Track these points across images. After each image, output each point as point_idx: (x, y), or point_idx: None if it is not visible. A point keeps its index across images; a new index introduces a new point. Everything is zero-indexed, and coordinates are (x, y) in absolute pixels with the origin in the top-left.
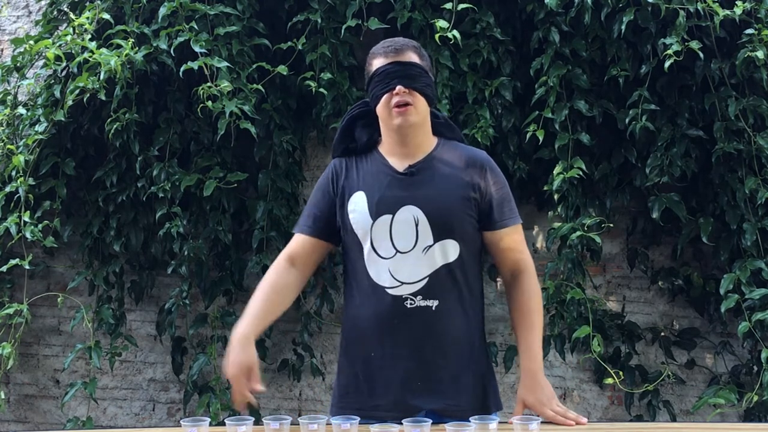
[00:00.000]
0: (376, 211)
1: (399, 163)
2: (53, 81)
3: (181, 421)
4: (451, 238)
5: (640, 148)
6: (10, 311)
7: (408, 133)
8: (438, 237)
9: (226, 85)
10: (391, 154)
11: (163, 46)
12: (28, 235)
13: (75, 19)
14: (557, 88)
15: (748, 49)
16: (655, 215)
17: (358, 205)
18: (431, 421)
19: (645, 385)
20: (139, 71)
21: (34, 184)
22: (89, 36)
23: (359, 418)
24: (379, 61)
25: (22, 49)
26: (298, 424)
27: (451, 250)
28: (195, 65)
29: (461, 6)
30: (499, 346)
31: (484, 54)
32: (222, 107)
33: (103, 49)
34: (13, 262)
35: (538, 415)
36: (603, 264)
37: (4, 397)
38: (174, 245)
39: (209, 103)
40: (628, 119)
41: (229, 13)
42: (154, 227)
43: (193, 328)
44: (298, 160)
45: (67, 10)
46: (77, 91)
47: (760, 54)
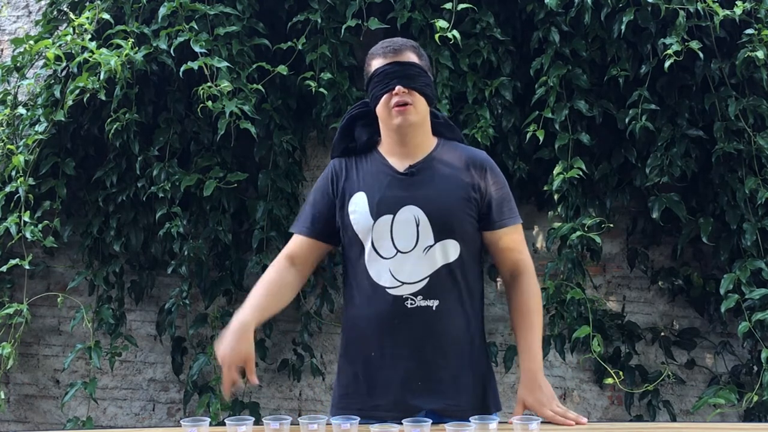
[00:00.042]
0: (377, 212)
1: (399, 163)
2: (53, 81)
3: (181, 421)
4: (451, 238)
5: (640, 148)
6: (10, 311)
7: (408, 133)
8: (439, 237)
9: (226, 85)
10: (391, 154)
11: (163, 46)
12: (28, 235)
13: (75, 19)
14: (557, 88)
15: (748, 49)
16: (655, 215)
17: (359, 206)
18: (431, 421)
19: (645, 385)
20: (139, 71)
21: (34, 184)
22: (89, 36)
23: (359, 418)
24: (378, 62)
25: (22, 49)
26: (298, 424)
27: (451, 250)
28: (195, 65)
29: (461, 6)
30: (499, 346)
31: (484, 54)
32: (222, 107)
33: (103, 49)
34: (13, 262)
35: (538, 416)
36: (603, 264)
37: (4, 397)
38: (174, 245)
39: (209, 103)
40: (628, 119)
41: (229, 13)
42: (154, 227)
43: (193, 328)
44: (298, 160)
45: (67, 10)
46: (77, 91)
47: (760, 54)
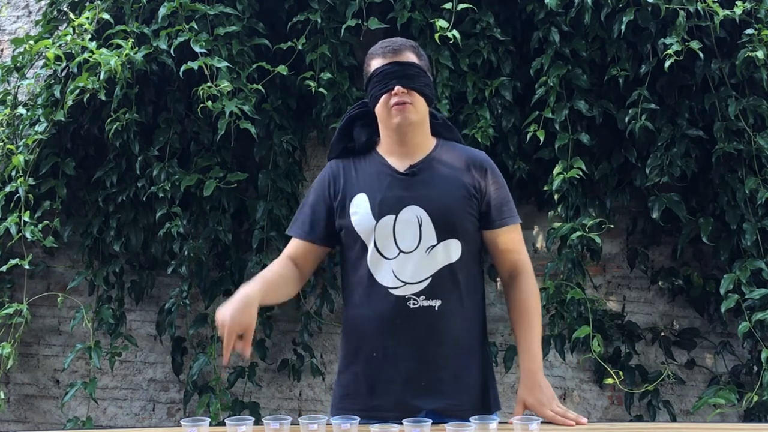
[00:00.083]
0: (378, 212)
1: (399, 163)
2: (53, 81)
3: (181, 421)
4: (454, 238)
5: (640, 148)
6: (10, 311)
7: (407, 132)
8: (441, 237)
9: (226, 85)
10: (391, 155)
11: (163, 46)
12: (28, 235)
13: (75, 19)
14: (557, 88)
15: (748, 49)
16: (655, 215)
17: (360, 207)
18: (431, 421)
19: (645, 385)
20: (139, 71)
21: (34, 184)
22: (89, 36)
23: (359, 418)
24: (378, 62)
25: (22, 49)
26: (298, 424)
27: (453, 250)
28: (195, 65)
29: (461, 6)
30: (499, 346)
31: (484, 54)
32: (222, 107)
33: (103, 49)
34: (13, 262)
35: (538, 416)
36: (603, 264)
37: (4, 397)
38: (174, 245)
39: (209, 103)
40: (627, 119)
41: (229, 13)
42: (154, 227)
43: (193, 328)
44: (298, 160)
45: (67, 10)
46: (77, 91)
47: (760, 54)
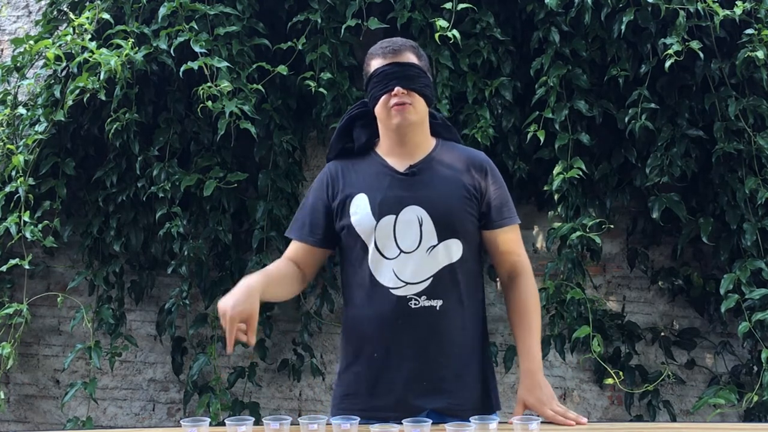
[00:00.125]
0: (378, 212)
1: (399, 164)
2: (53, 81)
3: (181, 421)
4: (455, 238)
5: (640, 148)
6: (10, 311)
7: (407, 132)
8: (442, 237)
9: (226, 85)
10: (390, 155)
11: (163, 46)
12: (28, 235)
13: (75, 19)
14: (557, 88)
15: (748, 49)
16: (655, 215)
17: (360, 208)
18: (431, 421)
19: (645, 385)
20: (139, 71)
21: (34, 184)
22: (89, 36)
23: (359, 418)
24: (378, 62)
25: (22, 49)
26: (298, 424)
27: (454, 250)
28: (195, 65)
29: (461, 6)
30: (499, 346)
31: (484, 54)
32: (222, 107)
33: (103, 49)
34: (13, 262)
35: (539, 415)
36: (603, 264)
37: (4, 397)
38: (174, 245)
39: (209, 103)
40: (627, 119)
41: (229, 13)
42: (154, 227)
43: (193, 328)
44: (298, 160)
45: (67, 10)
46: (77, 91)
47: (760, 54)
